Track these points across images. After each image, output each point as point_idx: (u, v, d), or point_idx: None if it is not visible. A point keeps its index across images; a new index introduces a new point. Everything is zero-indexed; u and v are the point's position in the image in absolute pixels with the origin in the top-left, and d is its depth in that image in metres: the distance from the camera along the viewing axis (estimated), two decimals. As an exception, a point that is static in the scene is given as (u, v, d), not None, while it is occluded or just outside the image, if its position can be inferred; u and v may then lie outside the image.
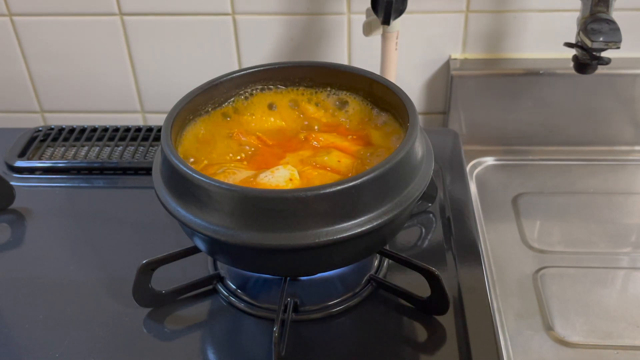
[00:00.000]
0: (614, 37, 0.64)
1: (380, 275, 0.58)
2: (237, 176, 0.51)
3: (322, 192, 0.44)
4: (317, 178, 0.50)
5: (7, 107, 0.92)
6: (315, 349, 0.53)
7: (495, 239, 0.70)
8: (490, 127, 0.83)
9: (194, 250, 0.56)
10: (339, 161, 0.52)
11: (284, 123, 0.59)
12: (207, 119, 0.58)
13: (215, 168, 0.52)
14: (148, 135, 0.81)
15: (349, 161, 0.52)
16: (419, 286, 0.54)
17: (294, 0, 0.79)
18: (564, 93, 0.81)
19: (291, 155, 0.54)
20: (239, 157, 0.54)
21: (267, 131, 0.58)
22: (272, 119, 0.59)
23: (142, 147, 0.79)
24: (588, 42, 0.64)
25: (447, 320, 0.54)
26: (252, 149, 0.55)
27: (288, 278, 0.55)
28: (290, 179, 0.49)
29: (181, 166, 0.47)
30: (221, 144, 0.56)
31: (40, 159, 0.77)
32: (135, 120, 0.91)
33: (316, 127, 0.58)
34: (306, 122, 0.59)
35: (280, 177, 0.49)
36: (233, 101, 0.60)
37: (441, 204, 0.68)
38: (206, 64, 0.85)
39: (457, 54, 0.83)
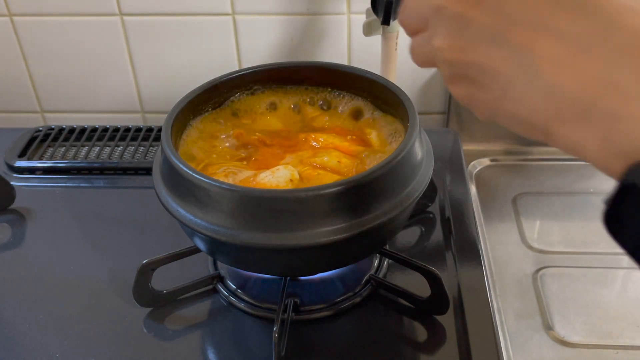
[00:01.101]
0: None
1: (380, 275, 0.58)
2: (237, 176, 0.51)
3: (322, 192, 0.44)
4: (317, 178, 0.50)
5: (7, 107, 0.92)
6: (316, 349, 0.53)
7: (495, 239, 0.70)
8: (490, 127, 0.83)
9: (194, 250, 0.56)
10: (339, 161, 0.52)
11: (284, 123, 0.59)
12: (207, 119, 0.58)
13: (215, 168, 0.52)
14: (148, 135, 0.81)
15: (349, 161, 0.52)
16: (419, 286, 0.54)
17: (294, 0, 0.79)
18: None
19: (291, 155, 0.54)
20: (239, 158, 0.54)
21: (267, 131, 0.58)
22: (272, 119, 0.59)
23: (142, 147, 0.79)
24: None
25: (447, 320, 0.54)
26: (252, 149, 0.55)
27: (288, 278, 0.55)
28: (290, 179, 0.49)
29: (181, 166, 0.47)
30: (221, 144, 0.56)
31: (40, 159, 0.77)
32: (135, 120, 0.91)
33: (316, 128, 0.58)
34: (306, 123, 0.59)
35: (280, 177, 0.49)
36: (233, 101, 0.60)
37: (441, 204, 0.68)
38: (206, 64, 0.85)
39: (457, 54, 0.82)
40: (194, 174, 0.46)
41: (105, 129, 0.82)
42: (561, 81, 0.27)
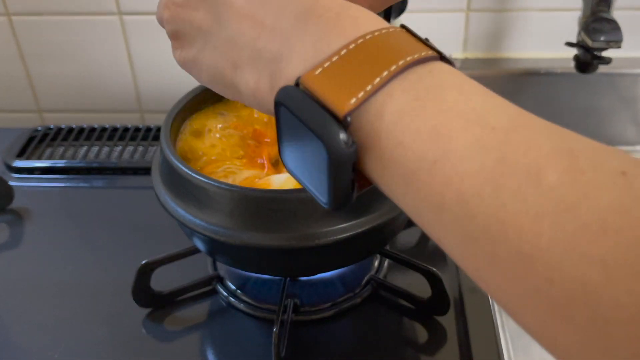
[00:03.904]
0: (615, 37, 0.63)
1: (381, 276, 0.58)
2: (237, 175, 0.51)
3: (322, 192, 0.44)
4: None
5: (5, 107, 0.92)
6: (315, 349, 0.53)
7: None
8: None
9: (194, 250, 0.56)
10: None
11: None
12: (207, 118, 0.58)
13: (214, 166, 0.52)
14: (147, 135, 0.81)
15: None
16: (420, 286, 0.54)
17: None
18: (565, 93, 0.80)
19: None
20: (238, 156, 0.54)
21: (267, 130, 0.58)
22: (272, 118, 0.59)
23: (141, 147, 0.79)
24: (589, 42, 0.64)
25: (447, 321, 0.54)
26: (252, 147, 0.55)
27: (288, 278, 0.55)
28: (292, 185, 0.49)
29: (181, 166, 0.47)
30: (221, 142, 0.56)
31: (39, 159, 0.77)
32: (134, 119, 0.91)
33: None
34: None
35: (281, 177, 0.49)
36: (233, 100, 0.59)
37: (441, 204, 0.68)
38: (205, 64, 0.85)
39: (458, 54, 0.82)
40: (193, 174, 0.46)
41: (104, 129, 0.82)
42: (242, 30, 0.30)
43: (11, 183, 0.71)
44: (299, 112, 0.26)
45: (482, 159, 0.22)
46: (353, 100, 0.25)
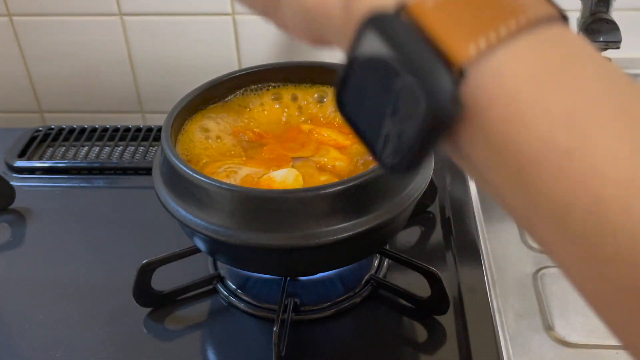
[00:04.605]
0: (614, 37, 0.64)
1: (380, 275, 0.58)
2: (238, 175, 0.51)
3: (322, 192, 0.44)
4: (316, 178, 0.50)
5: (6, 107, 0.92)
6: (315, 349, 0.53)
7: (495, 239, 0.70)
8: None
9: (194, 250, 0.56)
10: (337, 162, 0.52)
11: (284, 122, 0.59)
12: (207, 117, 0.58)
13: (215, 166, 0.52)
14: (148, 135, 0.81)
15: (347, 161, 0.52)
16: (419, 286, 0.54)
17: (294, 0, 0.79)
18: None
19: (291, 155, 0.54)
20: (239, 155, 0.54)
21: (268, 129, 0.58)
22: (272, 118, 0.59)
23: (142, 147, 0.79)
24: (588, 42, 0.64)
25: (447, 321, 0.54)
26: (252, 146, 0.55)
27: (288, 278, 0.55)
28: (292, 179, 0.49)
29: (181, 166, 0.47)
30: (221, 142, 0.56)
31: (40, 159, 0.77)
32: (135, 120, 0.91)
33: (316, 130, 0.58)
34: (306, 121, 0.59)
35: (282, 177, 0.49)
36: (233, 100, 0.60)
37: (441, 204, 0.68)
38: (206, 64, 0.85)
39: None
40: (193, 174, 0.46)
41: (105, 129, 0.82)
42: None
43: (13, 183, 0.71)
44: (400, 48, 0.20)
45: (636, 163, 0.18)
46: (473, 48, 0.20)
